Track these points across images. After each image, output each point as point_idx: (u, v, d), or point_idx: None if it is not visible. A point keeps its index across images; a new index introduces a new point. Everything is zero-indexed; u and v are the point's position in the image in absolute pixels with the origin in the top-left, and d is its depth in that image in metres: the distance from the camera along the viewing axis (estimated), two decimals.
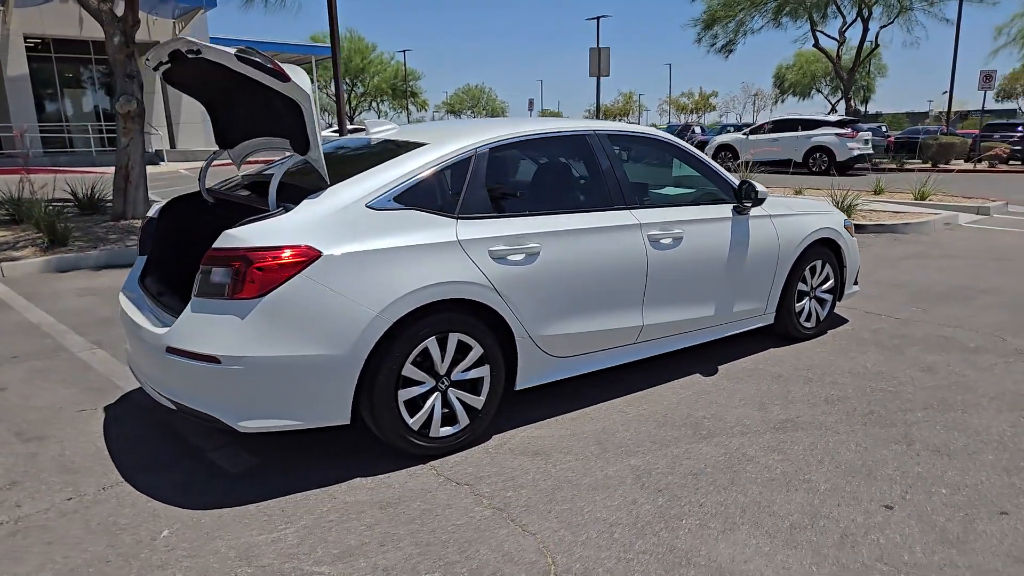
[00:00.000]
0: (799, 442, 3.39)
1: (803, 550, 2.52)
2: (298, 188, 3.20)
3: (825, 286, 5.03)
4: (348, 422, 3.02)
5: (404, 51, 64.63)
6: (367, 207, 3.07)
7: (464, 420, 3.30)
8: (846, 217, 5.18)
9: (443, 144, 3.39)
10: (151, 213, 3.94)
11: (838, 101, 45.76)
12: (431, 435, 3.20)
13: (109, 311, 5.93)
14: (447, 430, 3.25)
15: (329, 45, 14.42)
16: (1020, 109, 59.25)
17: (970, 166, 23.36)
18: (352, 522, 2.74)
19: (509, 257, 3.33)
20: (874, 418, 3.66)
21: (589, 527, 2.69)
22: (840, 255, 5.05)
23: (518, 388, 3.52)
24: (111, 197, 10.80)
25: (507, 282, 3.31)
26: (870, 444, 3.36)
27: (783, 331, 4.85)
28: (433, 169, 3.28)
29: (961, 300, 6.11)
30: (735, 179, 4.44)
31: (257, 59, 2.82)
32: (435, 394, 3.21)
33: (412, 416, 3.14)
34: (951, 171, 20.38)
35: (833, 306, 5.13)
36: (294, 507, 2.85)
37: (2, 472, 3.18)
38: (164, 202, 3.95)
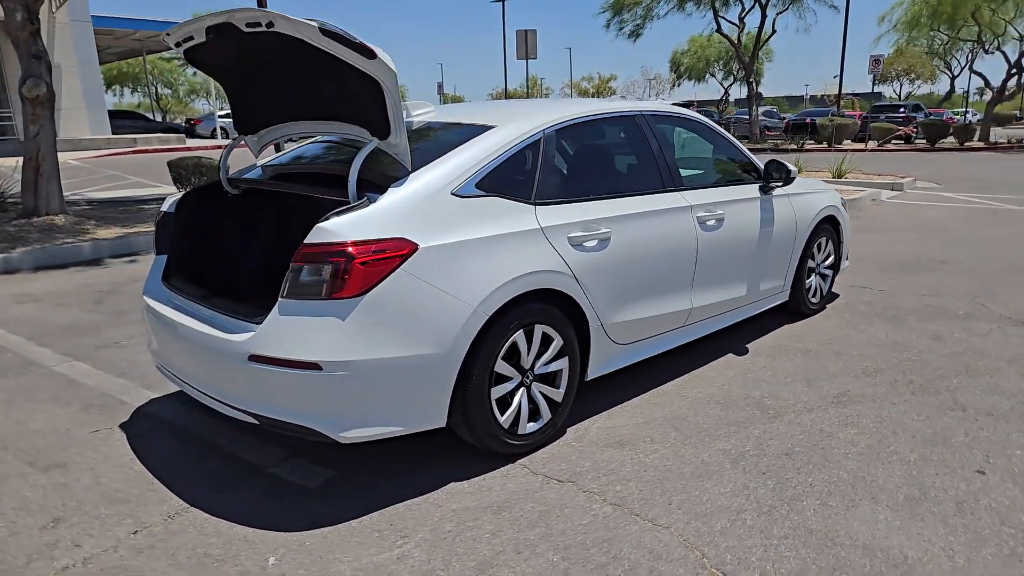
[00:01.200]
0: (864, 415, 3.48)
1: (930, 522, 2.58)
2: (336, 177, 2.96)
3: (827, 262, 5.21)
4: (444, 425, 2.83)
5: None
6: (452, 195, 2.88)
7: (547, 414, 3.18)
8: (840, 195, 5.38)
9: (511, 125, 3.22)
10: (166, 208, 3.54)
11: (731, 85, 47.91)
12: (519, 432, 3.06)
13: (65, 318, 5.35)
14: (532, 426, 3.12)
15: None
16: (894, 93, 64.12)
17: (861, 145, 25.03)
18: (473, 531, 2.57)
19: (585, 243, 3.22)
20: (917, 387, 3.82)
21: (717, 516, 2.65)
22: (839, 231, 5.24)
23: (589, 378, 3.43)
24: (17, 191, 9.75)
25: (584, 269, 3.20)
26: (929, 413, 3.50)
27: (796, 308, 4.99)
28: (509, 153, 3.11)
29: (925, 271, 6.51)
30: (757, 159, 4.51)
31: (341, 33, 2.56)
32: (521, 389, 3.07)
33: (502, 414, 2.99)
34: (844, 150, 21.73)
35: (833, 281, 5.34)
36: (402, 520, 2.65)
37: (36, 508, 2.79)
38: (179, 195, 3.56)
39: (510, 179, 3.09)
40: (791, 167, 4.30)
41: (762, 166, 4.43)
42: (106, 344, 4.75)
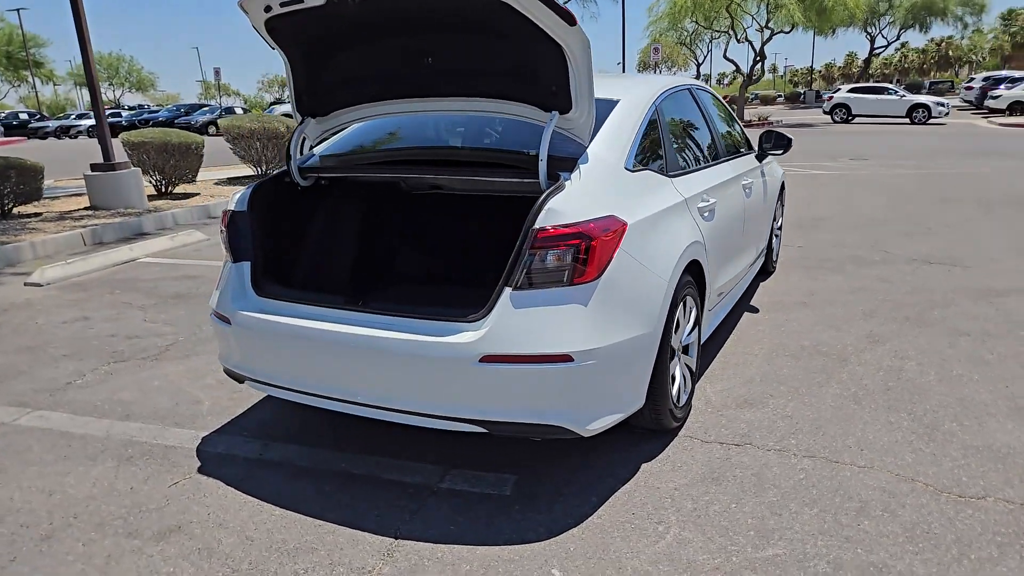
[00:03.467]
0: (905, 349, 3.98)
1: None
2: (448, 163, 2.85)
3: (778, 224, 5.79)
4: (643, 405, 2.76)
5: (18, 10, 52.58)
6: (626, 170, 2.79)
7: (689, 383, 3.22)
8: None
9: (630, 97, 3.16)
10: (234, 206, 2.98)
11: None
12: (679, 405, 3.08)
13: None
14: (683, 397, 3.15)
15: None
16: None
17: None
18: (716, 504, 2.56)
19: (705, 214, 3.30)
20: (914, 322, 4.44)
21: (897, 450, 2.90)
22: (783, 197, 5.84)
23: (702, 343, 3.52)
24: None
25: (708, 238, 3.28)
26: (948, 340, 4.09)
27: (766, 267, 5.49)
28: (645, 124, 3.07)
29: (812, 228, 7.47)
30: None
31: None
32: (674, 360, 3.08)
33: (673, 388, 2.99)
34: None
35: (780, 242, 5.94)
36: (639, 507, 2.55)
37: None
38: (247, 191, 3.00)
39: (652, 152, 3.06)
40: (790, 136, 4.71)
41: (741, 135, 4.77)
42: (57, 387, 3.86)
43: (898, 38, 44.97)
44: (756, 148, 4.76)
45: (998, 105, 28.32)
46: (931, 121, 26.45)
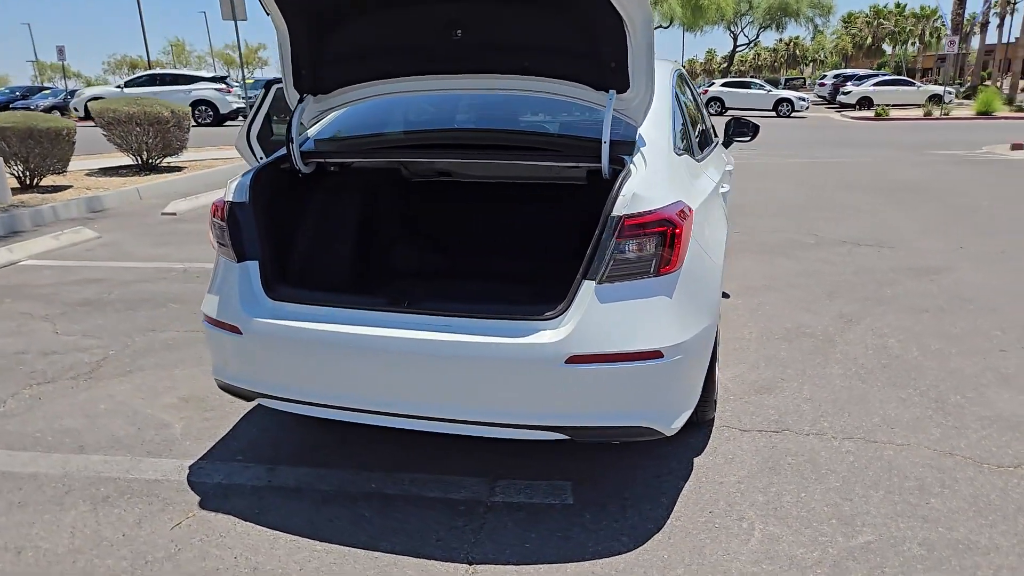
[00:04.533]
0: (881, 328, 4.14)
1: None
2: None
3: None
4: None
5: None
6: (675, 154, 2.67)
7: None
8: None
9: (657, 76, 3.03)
10: (232, 197, 2.57)
11: None
12: (718, 394, 3.01)
13: None
14: (718, 386, 3.08)
15: None
16: None
17: None
18: (786, 495, 2.51)
19: (725, 200, 3.25)
20: (874, 300, 4.65)
21: (920, 425, 2.98)
22: None
23: None
24: None
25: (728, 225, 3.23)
26: (912, 316, 4.31)
27: None
28: (675, 107, 2.96)
29: (740, 214, 7.71)
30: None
31: None
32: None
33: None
34: None
35: None
36: (712, 504, 2.45)
37: None
38: (246, 181, 2.60)
39: (683, 135, 2.96)
40: (756, 123, 4.77)
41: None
42: None
43: (757, 36, 48.26)
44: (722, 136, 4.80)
45: (849, 100, 30.98)
46: (793, 114, 28.49)
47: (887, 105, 27.52)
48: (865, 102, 29.87)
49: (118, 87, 24.26)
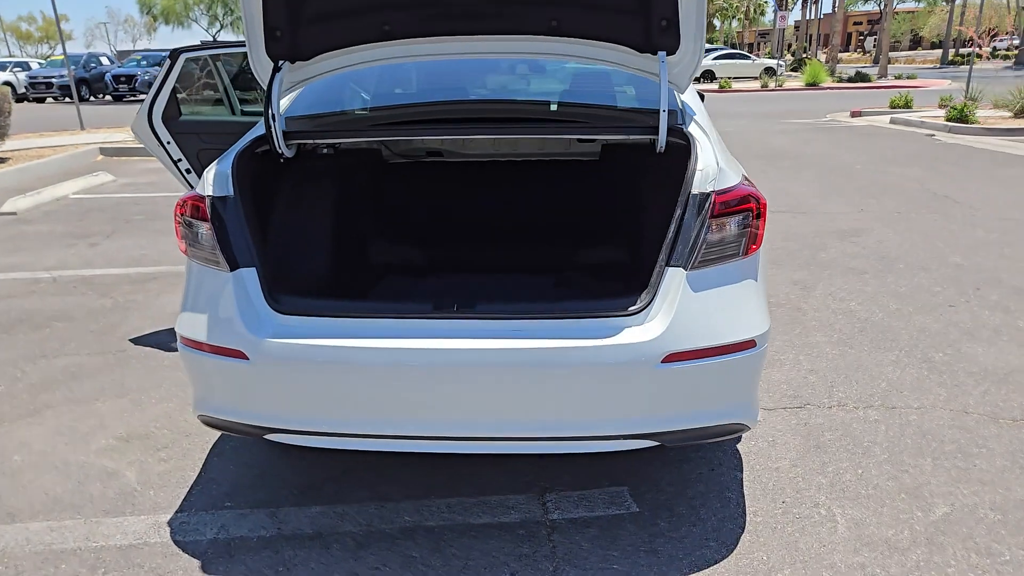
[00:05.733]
0: (834, 287, 4.26)
1: (1002, 343, 3.48)
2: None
3: None
4: None
5: None
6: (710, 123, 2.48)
7: None
8: None
9: None
10: (213, 190, 2.08)
11: (219, 32, 45.28)
12: None
13: None
14: None
15: None
16: None
17: None
18: (872, 478, 2.44)
19: None
20: (817, 264, 4.79)
21: (934, 387, 3.05)
22: None
23: None
24: None
25: None
26: (856, 278, 4.47)
27: None
28: None
29: None
30: None
31: None
32: None
33: None
34: None
35: None
36: (797, 494, 2.34)
37: None
38: (227, 169, 2.11)
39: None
40: None
41: None
42: None
43: None
44: None
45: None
46: None
47: (728, 77, 29.33)
48: (708, 74, 31.67)
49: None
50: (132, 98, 23.23)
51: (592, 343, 1.89)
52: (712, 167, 2.02)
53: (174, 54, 3.80)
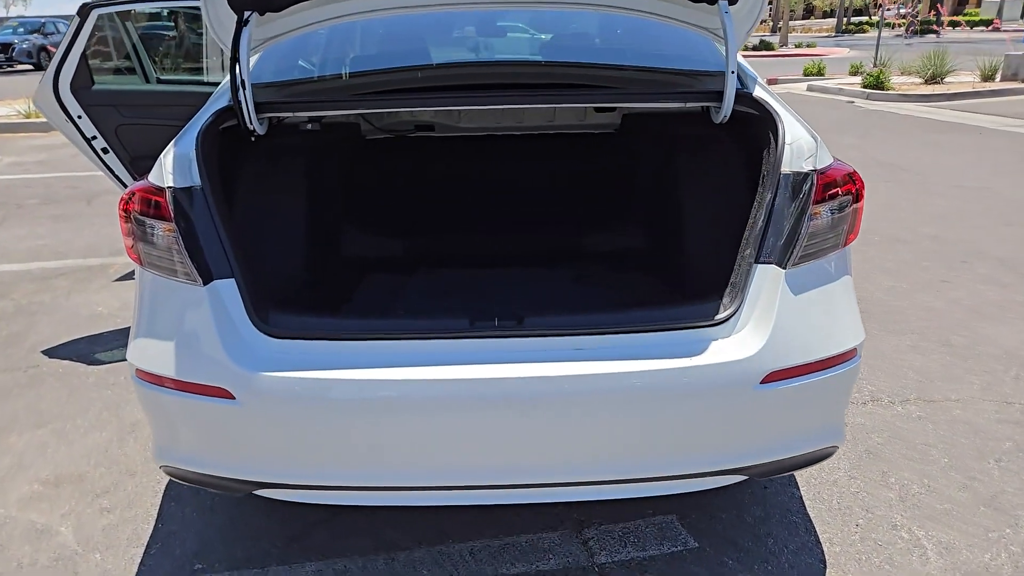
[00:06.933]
0: None
1: (1006, 320, 3.35)
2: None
3: None
4: None
5: None
6: None
7: None
8: None
9: None
10: (174, 180, 1.59)
11: None
12: None
13: None
14: None
15: None
16: None
17: None
18: (941, 490, 2.20)
19: None
20: None
21: (962, 374, 2.87)
22: None
23: None
24: None
25: None
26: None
27: None
28: None
29: None
30: None
31: None
32: None
33: None
34: None
35: None
36: (868, 514, 2.07)
37: None
38: (191, 151, 1.61)
39: None
40: None
41: None
42: None
43: None
44: None
45: None
46: None
47: None
48: None
49: None
50: (10, 68, 21.04)
51: (678, 363, 1.52)
52: (807, 141, 1.68)
53: (84, 10, 3.15)
